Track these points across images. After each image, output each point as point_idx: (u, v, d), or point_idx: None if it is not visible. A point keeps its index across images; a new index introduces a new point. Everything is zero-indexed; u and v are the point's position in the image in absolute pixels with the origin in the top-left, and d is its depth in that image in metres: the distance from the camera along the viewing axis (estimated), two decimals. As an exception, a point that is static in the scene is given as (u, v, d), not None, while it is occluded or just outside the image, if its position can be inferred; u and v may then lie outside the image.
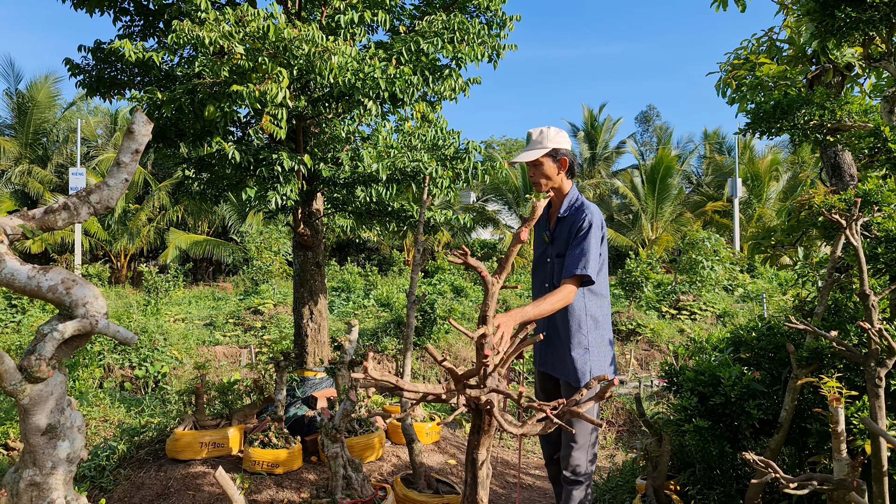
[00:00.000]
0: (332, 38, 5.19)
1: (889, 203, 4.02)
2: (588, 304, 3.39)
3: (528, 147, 3.44)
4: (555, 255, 3.43)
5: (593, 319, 3.40)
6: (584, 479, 3.40)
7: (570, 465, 3.38)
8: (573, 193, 3.47)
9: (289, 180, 5.61)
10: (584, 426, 3.38)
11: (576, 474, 3.38)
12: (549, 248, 3.50)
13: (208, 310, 16.60)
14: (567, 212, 3.41)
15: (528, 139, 3.47)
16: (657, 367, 11.94)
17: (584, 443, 3.39)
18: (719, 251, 15.72)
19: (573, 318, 3.37)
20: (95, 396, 8.00)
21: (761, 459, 2.71)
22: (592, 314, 3.40)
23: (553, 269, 3.45)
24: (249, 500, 4.64)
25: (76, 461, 2.23)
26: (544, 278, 3.51)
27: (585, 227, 3.25)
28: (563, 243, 3.37)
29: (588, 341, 3.38)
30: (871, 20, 3.76)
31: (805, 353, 3.37)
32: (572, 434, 3.36)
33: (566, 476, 3.40)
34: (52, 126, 28.42)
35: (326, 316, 6.66)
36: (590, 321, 3.39)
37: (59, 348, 2.16)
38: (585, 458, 3.40)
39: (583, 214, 3.31)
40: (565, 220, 3.40)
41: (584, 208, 3.34)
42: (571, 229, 3.32)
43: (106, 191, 2.25)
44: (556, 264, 3.42)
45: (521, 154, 3.44)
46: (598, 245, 3.25)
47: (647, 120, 50.84)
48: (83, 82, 6.03)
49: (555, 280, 3.39)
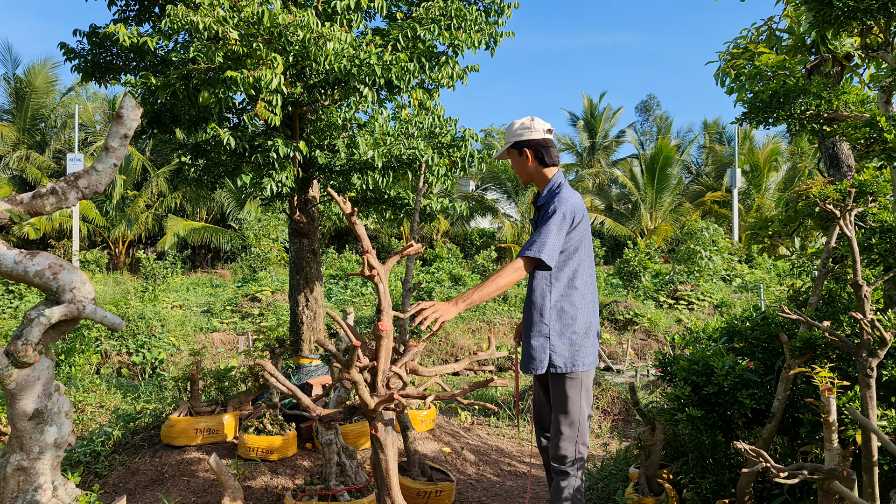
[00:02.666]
0: (327, 24, 5.15)
1: (884, 194, 4.01)
2: (554, 293, 3.33)
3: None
4: None
5: (558, 310, 3.33)
6: (570, 469, 3.37)
7: (555, 455, 3.38)
8: (555, 180, 3.45)
9: (284, 167, 5.58)
10: (572, 417, 3.37)
11: (561, 464, 3.37)
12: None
13: (206, 297, 16.61)
14: (544, 200, 3.42)
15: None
16: (653, 357, 11.97)
17: (571, 434, 3.37)
18: (718, 241, 15.73)
19: (534, 307, 3.36)
20: (92, 382, 8.00)
21: (753, 449, 2.71)
22: (558, 305, 3.33)
23: None
24: (244, 486, 4.65)
25: (63, 446, 2.22)
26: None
27: (550, 212, 3.25)
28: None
29: (549, 330, 3.31)
30: (868, 9, 3.73)
31: (798, 344, 3.37)
32: (558, 423, 3.36)
33: (554, 466, 3.40)
34: (51, 111, 28.34)
35: (322, 303, 6.65)
36: (553, 311, 3.32)
37: (46, 333, 2.15)
38: (573, 449, 3.37)
39: (553, 200, 3.31)
40: (542, 207, 3.41)
41: (556, 195, 3.33)
42: (543, 214, 3.35)
43: (94, 175, 2.24)
44: None
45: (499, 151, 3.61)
46: (557, 231, 3.21)
47: (647, 109, 50.74)
48: (78, 67, 5.98)
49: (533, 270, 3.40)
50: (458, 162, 6.16)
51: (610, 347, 12.89)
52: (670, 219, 29.85)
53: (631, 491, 4.17)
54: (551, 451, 3.41)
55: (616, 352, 12.73)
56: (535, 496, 5.06)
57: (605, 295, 15.82)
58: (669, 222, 29.52)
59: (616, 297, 15.49)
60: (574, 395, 3.37)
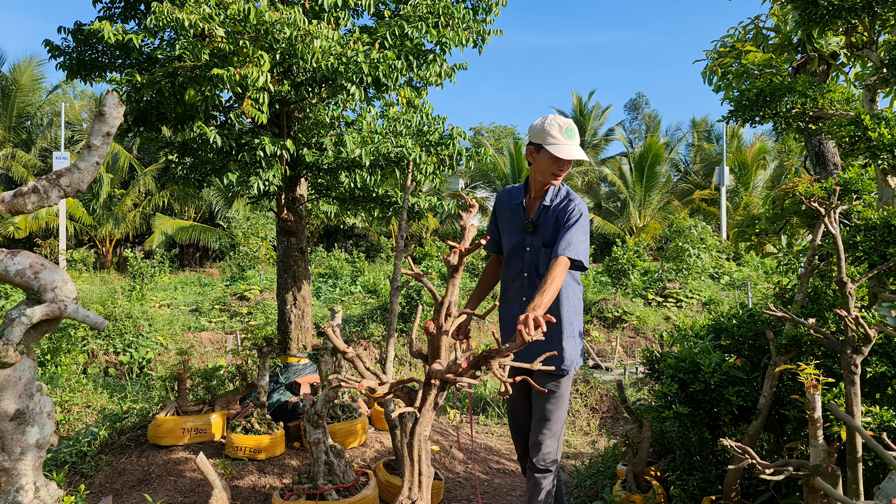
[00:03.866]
0: (315, 22, 5.13)
1: (869, 191, 4.03)
2: (574, 292, 3.42)
3: (577, 141, 3.38)
4: (540, 244, 3.37)
5: (576, 308, 3.43)
6: (553, 467, 3.41)
7: (541, 454, 3.38)
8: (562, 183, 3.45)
9: (271, 165, 5.56)
10: (560, 413, 3.39)
11: (546, 462, 3.38)
12: (529, 237, 3.42)
13: (194, 296, 16.54)
14: (553, 201, 3.37)
15: (571, 133, 3.30)
16: (642, 355, 12.01)
17: (558, 430, 3.40)
18: (706, 239, 15.80)
19: (566, 306, 3.36)
20: (78, 382, 7.95)
21: (739, 445, 2.72)
22: (575, 303, 3.43)
23: (538, 259, 3.38)
24: (231, 485, 4.63)
25: (46, 447, 2.20)
26: (523, 268, 3.44)
27: (576, 215, 3.25)
28: (549, 232, 3.33)
29: (574, 330, 3.40)
30: (853, 8, 3.75)
31: (784, 341, 3.38)
32: (547, 422, 3.36)
33: (537, 465, 3.39)
34: (36, 109, 28.09)
35: (310, 302, 6.63)
36: (575, 309, 3.41)
37: (28, 333, 2.13)
38: (556, 446, 3.41)
39: (573, 204, 3.30)
40: (550, 208, 3.36)
41: (573, 198, 3.34)
42: (560, 217, 3.29)
43: (76, 174, 2.22)
44: (542, 254, 3.36)
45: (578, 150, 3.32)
46: (586, 234, 3.25)
47: (636, 108, 50.87)
48: (63, 64, 5.93)
49: (541, 270, 3.33)
50: (447, 160, 6.16)
51: (599, 345, 12.92)
52: (659, 217, 29.94)
53: (619, 488, 4.18)
54: (539, 452, 3.39)
55: (605, 349, 12.77)
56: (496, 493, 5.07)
57: (594, 293, 15.86)
58: (658, 220, 29.60)
59: (605, 294, 15.52)
60: (567, 393, 3.43)
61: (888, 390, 3.33)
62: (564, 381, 3.38)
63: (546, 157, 3.25)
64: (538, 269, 3.37)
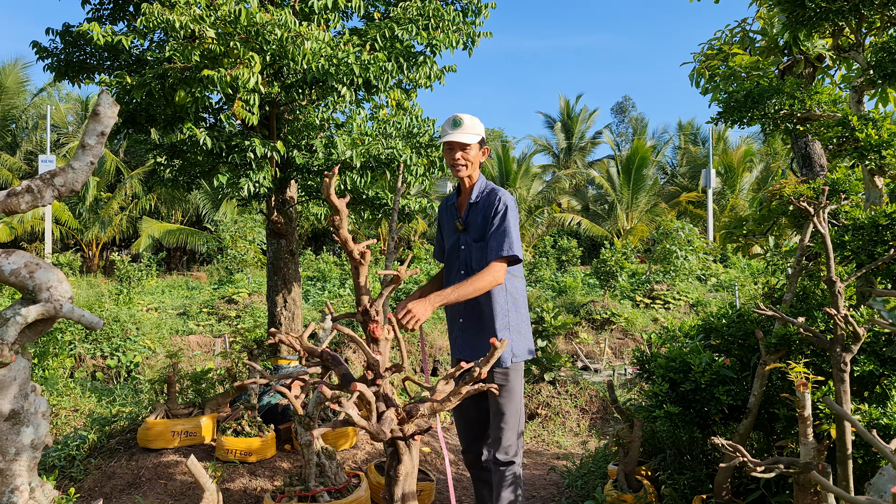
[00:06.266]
0: (305, 24, 5.13)
1: (856, 192, 4.08)
2: (509, 285, 3.45)
3: (460, 129, 3.38)
4: (471, 240, 3.48)
5: (514, 300, 3.48)
6: (516, 458, 3.45)
7: (502, 447, 3.42)
8: (482, 180, 3.55)
9: (261, 167, 5.55)
10: (513, 407, 3.42)
11: (509, 455, 3.42)
12: (462, 235, 3.54)
13: (182, 299, 16.45)
14: (478, 198, 3.49)
15: (457, 122, 3.39)
16: (630, 356, 12.04)
17: (514, 423, 3.43)
18: (693, 241, 15.88)
19: (498, 300, 3.42)
20: (66, 386, 7.89)
21: (730, 444, 2.74)
22: (513, 295, 3.48)
23: (470, 255, 3.48)
24: (222, 488, 4.61)
25: (41, 447, 2.19)
26: (459, 265, 3.55)
27: (502, 209, 3.34)
28: (478, 228, 3.44)
29: (509, 322, 3.44)
30: (840, 10, 3.79)
31: (773, 340, 3.41)
32: (502, 416, 3.41)
33: (499, 459, 3.42)
34: (22, 112, 27.89)
35: (300, 304, 6.61)
36: (510, 302, 3.46)
37: (23, 333, 2.12)
38: (516, 438, 3.44)
39: (496, 197, 3.40)
40: (477, 205, 3.48)
41: (496, 192, 3.44)
42: (486, 213, 3.40)
43: (71, 174, 2.21)
44: (473, 249, 3.47)
45: (456, 134, 3.37)
46: (517, 225, 3.36)
47: (623, 111, 51.16)
48: (51, 66, 5.89)
49: (473, 265, 3.43)
50: (437, 162, 6.17)
51: (587, 347, 12.95)
52: (646, 219, 30.07)
53: (610, 488, 4.20)
54: (500, 446, 3.42)
55: (594, 351, 12.80)
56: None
57: (583, 295, 15.89)
58: (645, 222, 29.74)
59: (593, 296, 15.56)
60: (518, 384, 3.46)
61: (876, 388, 3.37)
62: (512, 374, 3.42)
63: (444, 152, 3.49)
64: (471, 265, 3.46)
